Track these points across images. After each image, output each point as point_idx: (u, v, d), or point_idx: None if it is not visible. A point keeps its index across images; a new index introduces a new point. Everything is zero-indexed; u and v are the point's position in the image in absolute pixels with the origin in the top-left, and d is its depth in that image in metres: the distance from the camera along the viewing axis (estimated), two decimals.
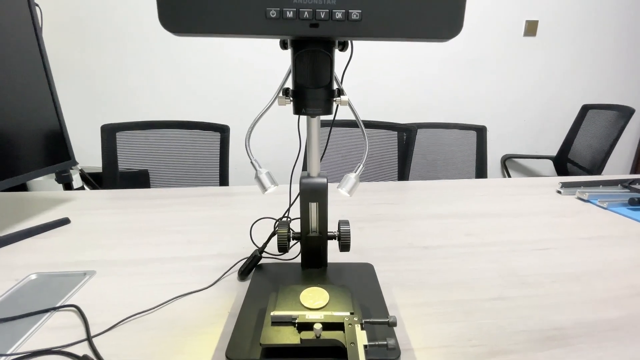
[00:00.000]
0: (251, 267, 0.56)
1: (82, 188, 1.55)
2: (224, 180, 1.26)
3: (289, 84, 0.42)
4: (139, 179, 1.24)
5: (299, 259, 0.59)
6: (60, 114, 0.84)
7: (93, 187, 1.55)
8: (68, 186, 1.28)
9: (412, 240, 0.71)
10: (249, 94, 2.08)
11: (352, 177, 0.47)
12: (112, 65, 2.00)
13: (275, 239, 0.54)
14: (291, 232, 0.52)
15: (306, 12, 0.29)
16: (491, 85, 2.24)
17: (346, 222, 0.52)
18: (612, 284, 0.57)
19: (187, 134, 1.24)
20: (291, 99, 0.39)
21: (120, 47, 1.98)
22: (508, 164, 2.40)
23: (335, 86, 0.40)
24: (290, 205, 0.55)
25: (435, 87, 2.19)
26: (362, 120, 1.31)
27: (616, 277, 0.59)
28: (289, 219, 0.55)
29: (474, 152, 1.52)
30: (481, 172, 1.52)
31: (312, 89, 0.37)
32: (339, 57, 0.43)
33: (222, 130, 1.21)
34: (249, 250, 0.66)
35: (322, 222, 0.50)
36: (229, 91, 2.07)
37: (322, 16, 0.30)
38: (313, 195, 0.49)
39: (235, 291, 0.54)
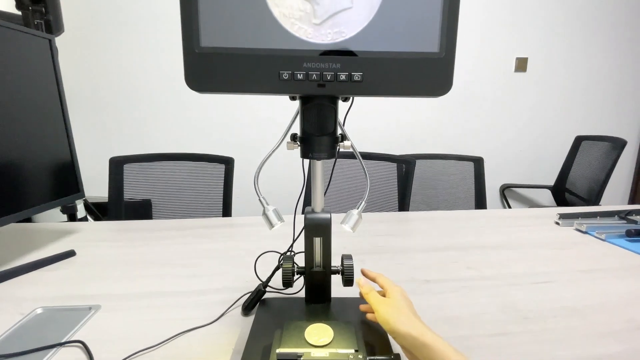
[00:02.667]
0: (255, 301, 0.57)
1: (85, 218, 1.56)
2: (227, 211, 1.28)
3: (295, 126, 0.46)
4: (141, 209, 1.26)
5: (302, 293, 0.60)
6: (72, 148, 0.87)
7: (96, 217, 1.57)
8: (72, 216, 1.30)
9: (414, 274, 0.72)
10: (253, 127, 2.16)
11: (354, 213, 0.49)
12: (122, 98, 2.08)
13: (279, 272, 0.55)
14: (295, 266, 0.53)
15: (314, 75, 0.33)
16: (486, 119, 2.31)
17: (349, 257, 0.53)
18: (612, 318, 0.58)
19: (193, 165, 1.27)
20: (299, 143, 0.42)
21: (131, 82, 2.07)
22: (507, 193, 2.43)
23: (339, 131, 0.43)
24: (294, 240, 0.56)
25: (430, 122, 2.27)
26: (362, 152, 1.34)
27: (616, 311, 0.60)
28: (293, 253, 0.57)
29: (473, 182, 1.55)
30: (480, 201, 1.54)
31: (318, 137, 0.40)
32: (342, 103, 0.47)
33: (227, 162, 1.25)
34: (252, 283, 0.67)
35: (325, 257, 0.52)
36: (234, 125, 2.15)
37: (328, 78, 0.33)
38: (317, 230, 0.51)
39: (239, 327, 0.54)
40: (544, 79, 2.29)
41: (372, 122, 2.23)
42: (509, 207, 2.42)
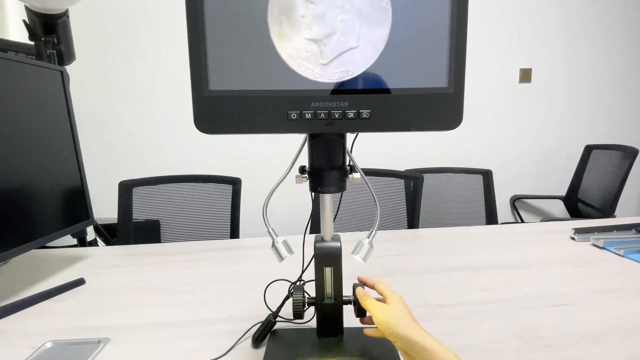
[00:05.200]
0: (265, 333, 0.56)
1: (94, 240, 1.57)
2: (234, 231, 1.28)
3: (302, 156, 0.45)
4: (149, 230, 1.27)
5: (313, 322, 0.58)
6: (83, 175, 0.88)
7: (105, 239, 1.58)
8: (82, 239, 1.31)
9: (426, 298, 0.70)
10: (259, 146, 2.18)
11: (365, 243, 0.48)
12: (130, 123, 2.12)
13: (289, 302, 0.54)
14: (306, 297, 0.52)
15: (322, 113, 0.33)
16: (492, 131, 2.30)
17: (360, 286, 0.52)
18: (634, 342, 0.55)
19: (200, 187, 1.28)
20: (307, 177, 0.42)
21: (139, 106, 2.11)
22: (518, 204, 2.39)
23: (349, 162, 0.43)
24: (304, 270, 0.56)
25: (436, 135, 2.26)
26: (367, 169, 1.34)
27: (638, 334, 0.57)
28: (303, 282, 0.56)
29: (482, 196, 1.53)
30: (491, 215, 1.51)
31: (326, 171, 0.40)
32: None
33: (234, 183, 1.25)
34: (261, 312, 0.66)
35: (337, 287, 0.51)
36: (240, 145, 2.17)
37: (337, 116, 0.33)
38: (328, 259, 0.50)
39: None
40: (550, 89, 2.28)
41: (376, 136, 2.23)
42: (521, 219, 2.38)
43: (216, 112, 0.34)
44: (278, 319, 0.59)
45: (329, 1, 0.31)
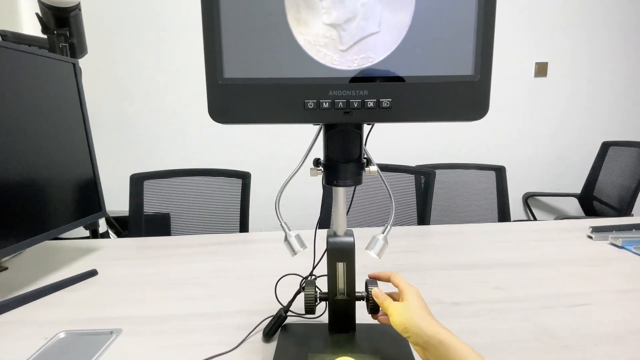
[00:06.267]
0: (276, 327, 0.56)
1: (106, 232, 1.59)
2: (244, 225, 1.28)
3: (316, 148, 0.44)
4: (160, 222, 1.27)
5: (325, 317, 0.58)
6: (95, 168, 0.89)
7: (117, 231, 1.59)
8: (94, 231, 1.32)
9: (440, 295, 0.69)
10: (269, 139, 2.17)
11: (380, 238, 0.47)
12: (142, 116, 2.13)
13: (300, 296, 0.53)
14: (318, 292, 0.51)
15: (341, 102, 0.32)
16: (506, 126, 2.25)
17: (374, 282, 0.51)
18: None
19: (210, 180, 1.28)
20: (322, 169, 0.41)
21: (150, 101, 2.12)
22: (530, 202, 2.34)
23: (365, 156, 0.42)
24: (315, 265, 0.55)
25: (448, 130, 2.22)
26: (379, 164, 1.32)
27: None
28: (314, 277, 0.55)
29: (495, 192, 1.50)
30: (503, 212, 1.48)
31: (343, 163, 0.39)
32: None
33: (244, 177, 1.25)
34: (271, 305, 0.65)
35: (349, 282, 0.50)
36: (250, 138, 2.16)
37: (355, 105, 0.32)
38: (340, 255, 0.49)
39: (260, 354, 0.53)
40: (566, 83, 2.21)
41: (388, 130, 2.20)
42: (534, 217, 2.33)
43: (231, 101, 0.32)
44: (289, 313, 0.58)
45: None
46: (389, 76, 0.32)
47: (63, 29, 1.18)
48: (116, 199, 1.92)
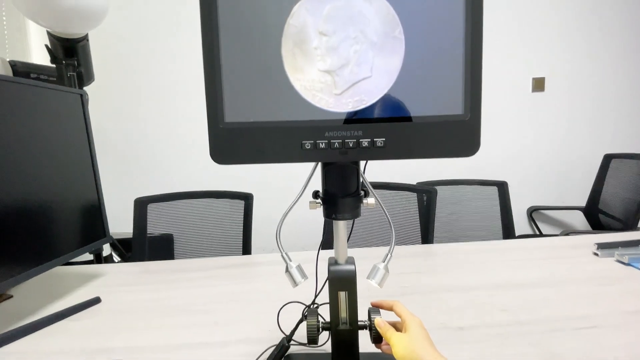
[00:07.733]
0: (279, 357, 0.55)
1: (110, 255, 1.59)
2: (246, 246, 1.28)
3: (314, 181, 0.45)
4: (163, 244, 1.28)
5: (328, 346, 0.57)
6: (100, 195, 0.90)
7: (121, 253, 1.60)
8: (98, 255, 1.33)
9: (445, 320, 0.68)
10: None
11: (381, 267, 0.47)
12: (146, 141, 2.18)
13: (303, 324, 0.53)
14: (320, 321, 0.51)
15: (336, 143, 0.33)
16: (506, 142, 2.26)
17: (377, 311, 0.51)
18: None
19: (213, 202, 1.29)
20: (321, 203, 0.42)
21: (152, 124, 2.17)
22: (536, 216, 2.32)
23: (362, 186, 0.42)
24: (317, 294, 0.55)
25: None
26: (379, 182, 1.32)
27: None
28: (316, 306, 0.55)
29: (498, 208, 1.50)
30: (507, 228, 1.47)
31: (341, 198, 0.39)
32: None
33: (246, 198, 1.26)
34: (275, 334, 0.65)
35: (352, 312, 0.49)
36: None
37: (351, 145, 0.33)
38: (342, 283, 0.49)
39: None
40: (564, 98, 2.23)
41: None
42: (539, 231, 2.30)
43: (232, 143, 0.34)
44: (292, 342, 0.58)
45: (342, 33, 0.31)
46: (382, 117, 0.33)
47: (71, 59, 1.22)
48: (120, 221, 1.93)
